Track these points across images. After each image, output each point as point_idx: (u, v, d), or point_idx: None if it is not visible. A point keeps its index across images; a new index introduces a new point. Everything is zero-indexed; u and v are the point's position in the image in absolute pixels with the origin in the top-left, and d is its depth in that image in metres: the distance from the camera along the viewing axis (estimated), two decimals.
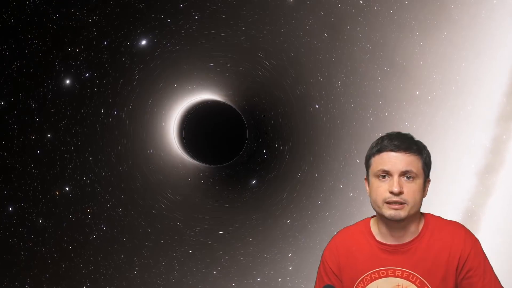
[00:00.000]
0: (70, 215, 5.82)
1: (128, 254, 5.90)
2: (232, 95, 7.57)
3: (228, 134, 7.95)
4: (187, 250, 6.22)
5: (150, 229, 6.15)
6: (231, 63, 6.93)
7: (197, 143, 7.85)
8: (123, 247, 5.90)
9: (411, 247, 2.01)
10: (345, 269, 2.09)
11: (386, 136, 2.01)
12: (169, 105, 7.63)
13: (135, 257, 5.87)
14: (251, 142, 7.69)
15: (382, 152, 1.97)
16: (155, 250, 6.11)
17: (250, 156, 7.74)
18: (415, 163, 1.95)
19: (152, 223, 6.37)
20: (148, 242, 6.05)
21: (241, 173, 7.65)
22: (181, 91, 7.56)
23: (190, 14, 6.20)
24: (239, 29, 6.23)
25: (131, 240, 5.98)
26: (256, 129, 7.67)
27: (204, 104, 7.65)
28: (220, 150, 7.89)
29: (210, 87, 7.54)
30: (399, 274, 2.01)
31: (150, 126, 7.49)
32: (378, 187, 1.97)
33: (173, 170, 7.66)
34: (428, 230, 2.03)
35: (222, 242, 6.48)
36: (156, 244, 6.17)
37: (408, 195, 1.93)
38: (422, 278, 1.98)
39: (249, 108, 7.60)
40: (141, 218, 6.23)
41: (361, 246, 2.08)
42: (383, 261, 2.03)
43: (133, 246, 5.97)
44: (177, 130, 8.00)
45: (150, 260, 5.95)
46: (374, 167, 2.00)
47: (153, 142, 7.50)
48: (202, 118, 7.87)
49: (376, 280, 2.03)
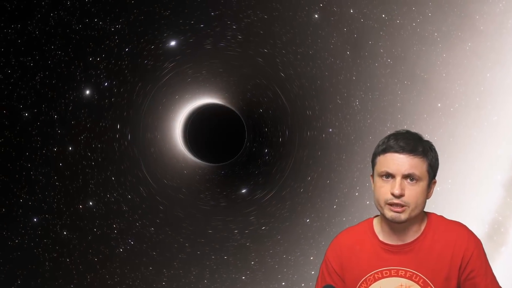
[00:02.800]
0: (95, 229, 5.84)
1: (157, 266, 5.89)
2: (246, 112, 7.58)
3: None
4: (222, 256, 6.20)
5: (188, 243, 6.14)
6: (251, 83, 6.97)
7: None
8: (152, 260, 5.89)
9: (414, 246, 2.00)
10: (348, 269, 2.08)
11: (393, 135, 1.98)
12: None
13: (165, 269, 5.86)
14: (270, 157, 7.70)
15: (387, 152, 1.95)
16: (188, 261, 6.10)
17: (265, 165, 7.74)
18: (419, 165, 1.92)
19: (189, 237, 6.35)
20: (182, 255, 6.05)
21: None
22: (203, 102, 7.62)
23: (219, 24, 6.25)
24: (274, 49, 6.27)
25: (162, 254, 5.97)
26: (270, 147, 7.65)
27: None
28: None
29: (230, 103, 7.57)
30: (402, 274, 1.99)
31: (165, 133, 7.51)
32: (381, 187, 1.95)
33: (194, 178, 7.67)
34: (431, 230, 2.01)
35: (256, 240, 6.45)
36: (190, 255, 6.16)
37: (410, 198, 1.91)
38: (425, 278, 1.97)
39: (256, 122, 7.61)
40: (179, 235, 6.22)
41: (364, 246, 2.07)
42: (386, 261, 2.02)
43: (164, 259, 5.96)
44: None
45: (181, 270, 5.94)
46: (378, 166, 1.98)
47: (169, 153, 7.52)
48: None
49: (379, 280, 2.02)
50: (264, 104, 7.14)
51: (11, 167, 5.93)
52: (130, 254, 5.84)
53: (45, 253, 5.71)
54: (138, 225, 5.89)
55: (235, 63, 6.73)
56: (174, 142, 7.65)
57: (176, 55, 6.68)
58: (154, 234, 5.99)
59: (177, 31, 6.42)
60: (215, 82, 7.30)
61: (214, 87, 7.44)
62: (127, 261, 5.81)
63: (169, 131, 7.52)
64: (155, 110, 7.03)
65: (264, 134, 7.50)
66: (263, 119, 7.31)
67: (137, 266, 5.79)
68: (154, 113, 7.03)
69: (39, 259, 5.68)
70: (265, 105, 7.15)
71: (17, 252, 5.68)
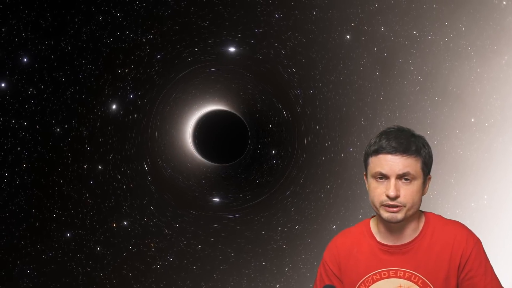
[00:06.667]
0: (130, 246, 5.83)
1: (195, 279, 5.86)
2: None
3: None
4: (261, 262, 6.16)
5: (234, 253, 6.10)
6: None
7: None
8: (190, 274, 5.87)
9: (412, 247, 1.97)
10: (346, 271, 2.06)
11: (385, 134, 1.94)
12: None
13: (203, 282, 5.83)
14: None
15: (379, 154, 1.91)
16: (228, 271, 6.06)
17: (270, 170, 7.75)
18: (413, 164, 1.89)
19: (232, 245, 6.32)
20: (223, 265, 6.01)
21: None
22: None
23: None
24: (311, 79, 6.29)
25: (203, 267, 5.94)
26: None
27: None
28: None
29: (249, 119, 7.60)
30: (401, 275, 1.96)
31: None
32: (375, 188, 1.92)
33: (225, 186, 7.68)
34: (429, 229, 1.99)
35: (290, 244, 6.41)
36: (232, 264, 6.13)
37: (406, 198, 1.88)
38: (424, 278, 1.94)
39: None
40: (229, 248, 6.19)
41: (362, 247, 2.05)
42: (385, 262, 1.99)
43: (203, 272, 5.93)
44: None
45: (219, 282, 5.90)
46: (371, 167, 1.95)
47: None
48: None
49: (377, 281, 2.00)
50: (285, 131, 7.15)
51: (44, 182, 5.97)
52: (167, 269, 5.82)
53: (79, 267, 5.72)
54: (182, 245, 5.86)
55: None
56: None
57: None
58: (199, 250, 5.97)
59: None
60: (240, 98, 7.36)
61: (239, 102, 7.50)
62: (164, 276, 5.79)
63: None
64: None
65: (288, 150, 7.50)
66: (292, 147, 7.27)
67: (174, 281, 5.76)
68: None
69: (73, 273, 5.69)
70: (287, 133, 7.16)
71: (51, 265, 5.70)
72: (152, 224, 6.01)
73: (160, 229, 6.05)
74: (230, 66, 6.65)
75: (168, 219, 6.21)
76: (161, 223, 6.10)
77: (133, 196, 6.16)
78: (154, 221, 6.05)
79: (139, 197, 6.21)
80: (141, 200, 6.19)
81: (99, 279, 5.69)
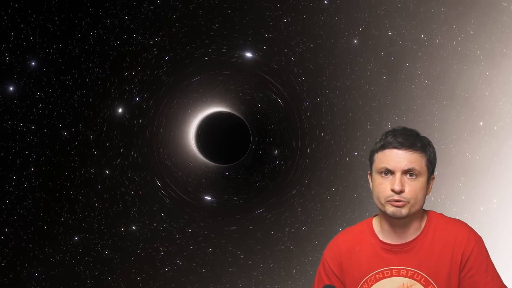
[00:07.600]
0: (138, 250, 5.83)
1: (203, 282, 5.86)
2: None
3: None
4: (270, 264, 6.16)
5: (244, 254, 6.10)
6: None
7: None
8: (199, 277, 5.87)
9: (414, 245, 1.98)
10: (348, 271, 2.05)
11: (391, 132, 1.97)
12: None
13: (211, 284, 5.83)
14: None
15: (385, 149, 1.93)
16: (237, 273, 6.06)
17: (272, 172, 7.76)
18: (418, 161, 1.91)
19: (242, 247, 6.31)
20: (232, 268, 6.02)
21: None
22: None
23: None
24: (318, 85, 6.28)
25: (212, 270, 5.94)
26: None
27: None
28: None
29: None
30: (404, 273, 1.97)
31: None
32: (381, 184, 1.94)
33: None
34: (431, 228, 1.99)
35: (298, 245, 6.40)
36: (241, 266, 6.13)
37: (410, 193, 1.89)
38: (427, 277, 1.95)
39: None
40: (238, 251, 6.19)
41: (364, 246, 2.04)
42: (387, 261, 1.99)
43: (213, 275, 5.93)
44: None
45: (228, 285, 5.91)
46: (377, 163, 1.96)
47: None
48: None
49: (380, 280, 2.00)
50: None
51: (52, 185, 5.98)
52: (176, 273, 5.82)
53: (86, 271, 5.73)
54: (192, 249, 5.86)
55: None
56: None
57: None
58: (209, 253, 5.98)
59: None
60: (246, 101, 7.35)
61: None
62: (172, 280, 5.79)
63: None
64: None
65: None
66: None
67: (183, 284, 5.77)
68: None
69: (81, 276, 5.71)
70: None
71: (59, 268, 5.72)
72: (162, 229, 6.01)
73: (170, 234, 6.05)
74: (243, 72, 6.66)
75: (180, 225, 6.21)
76: (171, 228, 6.10)
77: (141, 202, 6.17)
78: (164, 226, 6.05)
79: (149, 203, 6.21)
80: (151, 206, 6.20)
81: (107, 283, 5.71)
